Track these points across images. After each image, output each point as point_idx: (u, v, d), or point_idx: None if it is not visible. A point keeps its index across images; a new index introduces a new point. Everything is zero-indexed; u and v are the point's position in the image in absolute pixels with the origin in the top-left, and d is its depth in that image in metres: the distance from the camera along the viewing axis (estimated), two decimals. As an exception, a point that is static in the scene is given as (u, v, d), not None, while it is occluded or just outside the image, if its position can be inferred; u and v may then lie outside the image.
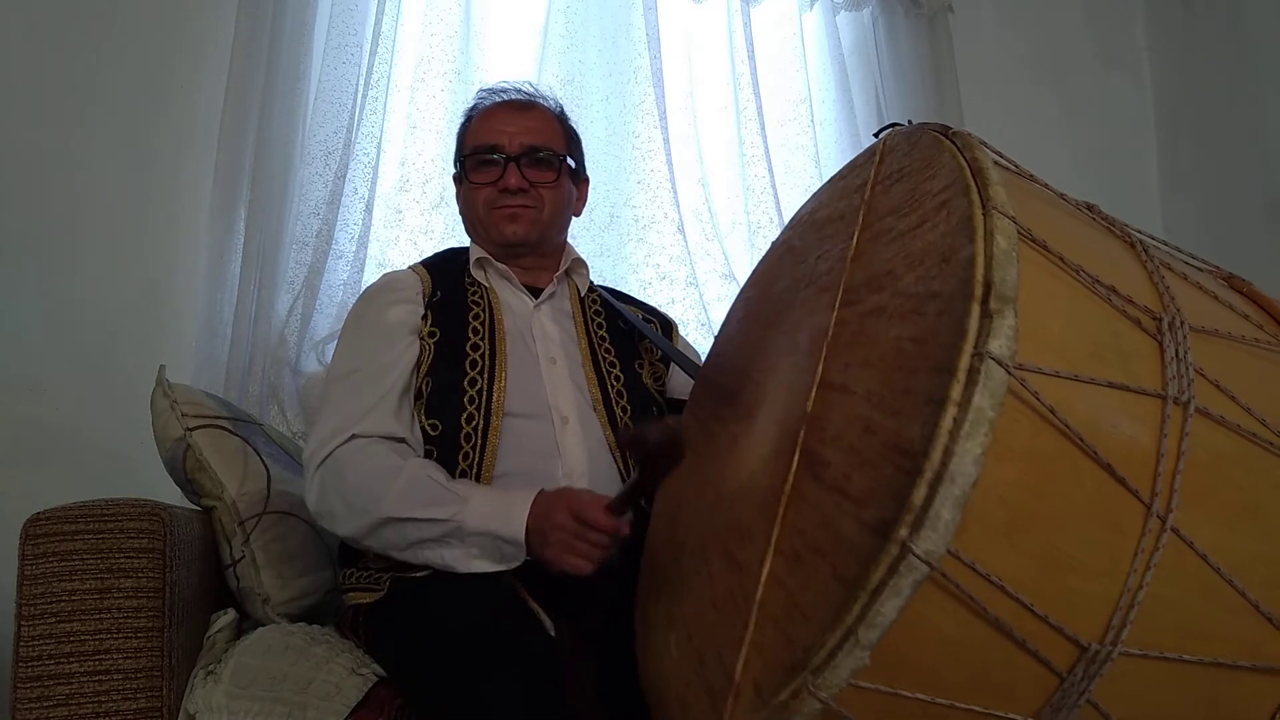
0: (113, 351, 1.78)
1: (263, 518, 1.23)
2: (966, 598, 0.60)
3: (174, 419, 1.24)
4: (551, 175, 1.33)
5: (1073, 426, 0.61)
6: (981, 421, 0.58)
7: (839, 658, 0.59)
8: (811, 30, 2.19)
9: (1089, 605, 0.62)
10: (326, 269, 1.80)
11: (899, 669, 0.62)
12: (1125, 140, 2.40)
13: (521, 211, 1.31)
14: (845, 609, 0.59)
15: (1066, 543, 0.62)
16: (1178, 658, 0.64)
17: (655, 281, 2.00)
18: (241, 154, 1.79)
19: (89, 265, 1.81)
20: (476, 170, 1.33)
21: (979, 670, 0.63)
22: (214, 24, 1.88)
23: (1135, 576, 0.62)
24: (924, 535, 0.57)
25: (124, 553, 1.05)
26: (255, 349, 1.74)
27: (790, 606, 0.67)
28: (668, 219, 2.00)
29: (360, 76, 1.85)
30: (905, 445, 0.61)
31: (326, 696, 1.02)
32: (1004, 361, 0.58)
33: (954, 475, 0.57)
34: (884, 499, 0.60)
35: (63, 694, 1.01)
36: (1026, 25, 2.41)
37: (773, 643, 0.67)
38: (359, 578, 1.18)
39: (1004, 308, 0.60)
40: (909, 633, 0.60)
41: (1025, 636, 0.61)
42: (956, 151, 0.75)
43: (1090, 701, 0.63)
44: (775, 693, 0.63)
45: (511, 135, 1.31)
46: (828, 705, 0.60)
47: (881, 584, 0.58)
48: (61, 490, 1.16)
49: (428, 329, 1.25)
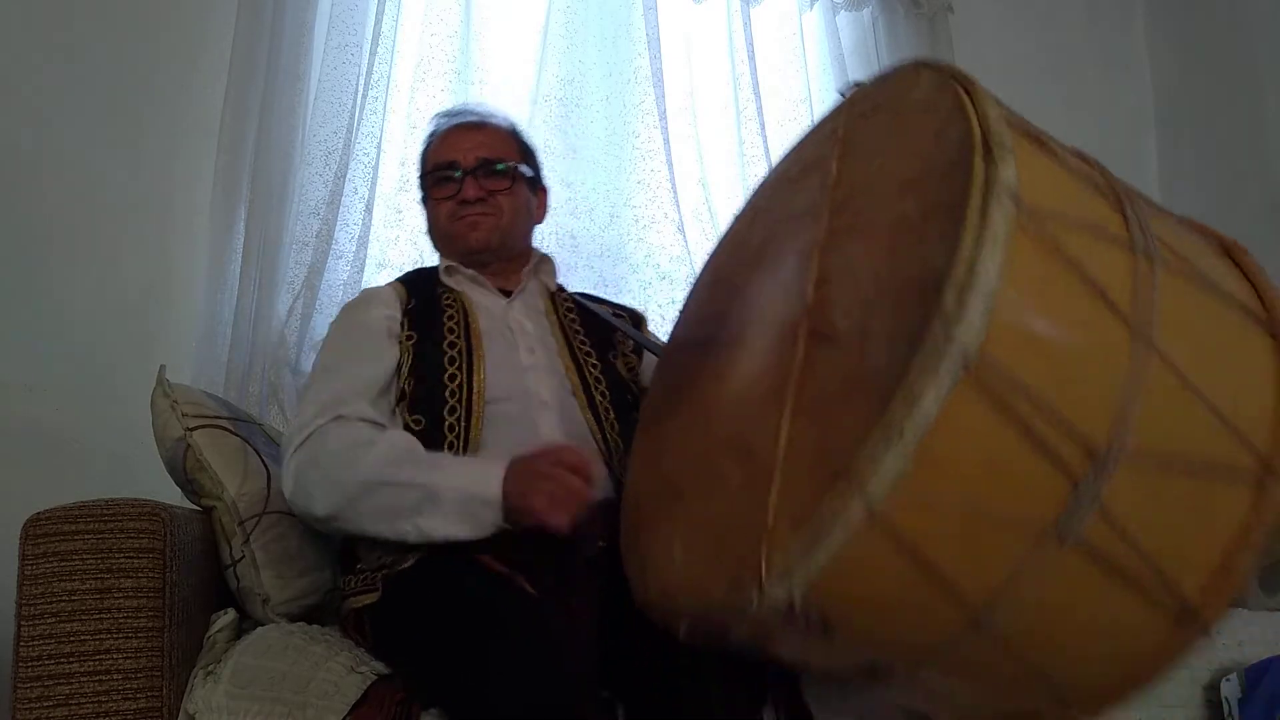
0: (113, 351, 1.78)
1: (263, 518, 1.23)
2: (997, 399, 0.63)
3: (174, 419, 1.24)
4: (506, 183, 1.38)
5: (1067, 254, 0.68)
6: (999, 238, 0.63)
7: (883, 458, 0.61)
8: (811, 30, 2.19)
9: (1091, 414, 0.67)
10: (326, 269, 1.80)
11: (937, 475, 0.64)
12: (1125, 140, 2.40)
13: (481, 219, 1.36)
14: (885, 412, 0.62)
15: (1067, 357, 0.67)
16: (1168, 465, 0.69)
17: (655, 281, 2.00)
18: (241, 154, 1.79)
19: (89, 265, 1.81)
20: (437, 187, 1.39)
21: (1007, 475, 0.66)
22: (214, 24, 1.88)
23: (1129, 389, 0.67)
24: (959, 331, 0.61)
25: (124, 553, 1.05)
26: (255, 349, 1.74)
27: (820, 448, 0.69)
28: (668, 219, 2.00)
29: (360, 76, 1.85)
30: (927, 272, 0.65)
31: (326, 695, 1.02)
32: (1012, 188, 0.64)
33: (979, 282, 0.61)
34: (912, 317, 0.64)
35: (63, 694, 1.01)
36: (1026, 25, 2.41)
37: (804, 481, 0.69)
38: (356, 581, 1.18)
39: (1005, 155, 0.66)
40: (946, 434, 0.62)
41: (1044, 439, 0.65)
42: (934, 70, 0.81)
43: (1101, 507, 0.66)
44: (815, 509, 0.64)
45: (466, 151, 1.38)
46: (872, 510, 0.62)
47: (921, 381, 0.61)
48: (61, 490, 1.16)
49: (405, 333, 1.29)
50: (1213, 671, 1.22)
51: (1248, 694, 1.16)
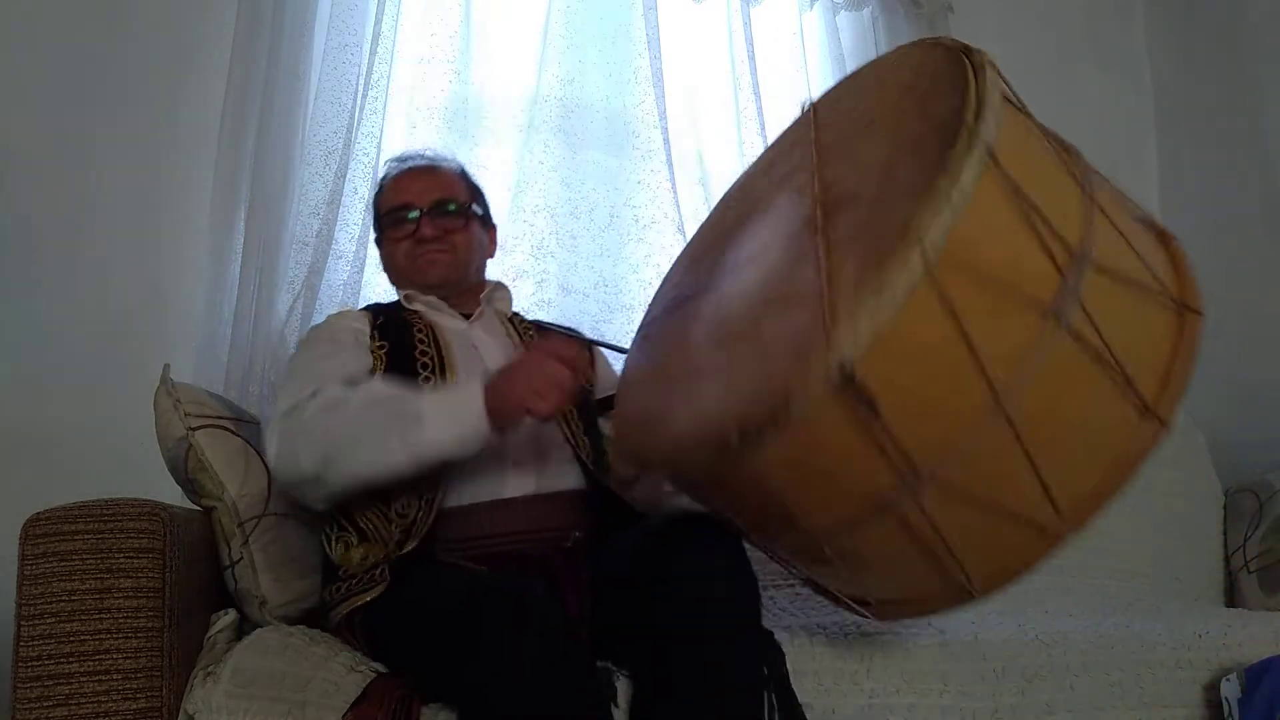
0: (113, 351, 1.78)
1: (262, 519, 1.23)
2: (1010, 192, 0.81)
3: (176, 418, 1.24)
4: (461, 222, 1.44)
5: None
6: (997, 106, 0.80)
7: (936, 218, 0.74)
8: (811, 30, 2.19)
9: (1068, 223, 0.84)
10: (326, 269, 1.80)
11: (970, 248, 0.78)
12: (1125, 140, 2.40)
13: (438, 256, 1.42)
14: (932, 188, 0.75)
15: (1051, 178, 0.89)
16: (1119, 279, 0.88)
17: (655, 281, 1.99)
18: (241, 154, 1.79)
19: (89, 265, 1.81)
20: (393, 228, 1.45)
21: (1018, 257, 0.82)
22: (214, 24, 1.88)
23: (1086, 218, 0.87)
24: (981, 129, 0.77)
25: (124, 553, 1.05)
26: (255, 349, 1.74)
27: (864, 252, 0.81)
28: (668, 219, 2.00)
29: (360, 76, 1.85)
30: (940, 121, 0.81)
31: (326, 694, 1.03)
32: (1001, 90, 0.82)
33: (988, 112, 0.78)
34: (934, 138, 0.80)
35: (63, 694, 1.01)
36: (1026, 25, 2.40)
37: (852, 278, 0.79)
38: (344, 588, 1.19)
39: (990, 68, 0.83)
40: (976, 215, 0.77)
41: (1041, 232, 0.82)
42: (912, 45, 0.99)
43: (1080, 300, 0.82)
44: (878, 268, 0.75)
45: (419, 193, 1.44)
46: (928, 261, 0.74)
47: (958, 164, 0.75)
48: (61, 490, 1.16)
49: (377, 343, 1.33)
50: (1213, 671, 1.22)
51: (1248, 694, 1.16)
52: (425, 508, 1.17)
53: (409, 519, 1.18)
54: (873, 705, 1.12)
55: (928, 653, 1.17)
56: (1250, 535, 1.88)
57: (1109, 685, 1.19)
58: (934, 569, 0.90)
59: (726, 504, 1.01)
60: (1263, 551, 1.83)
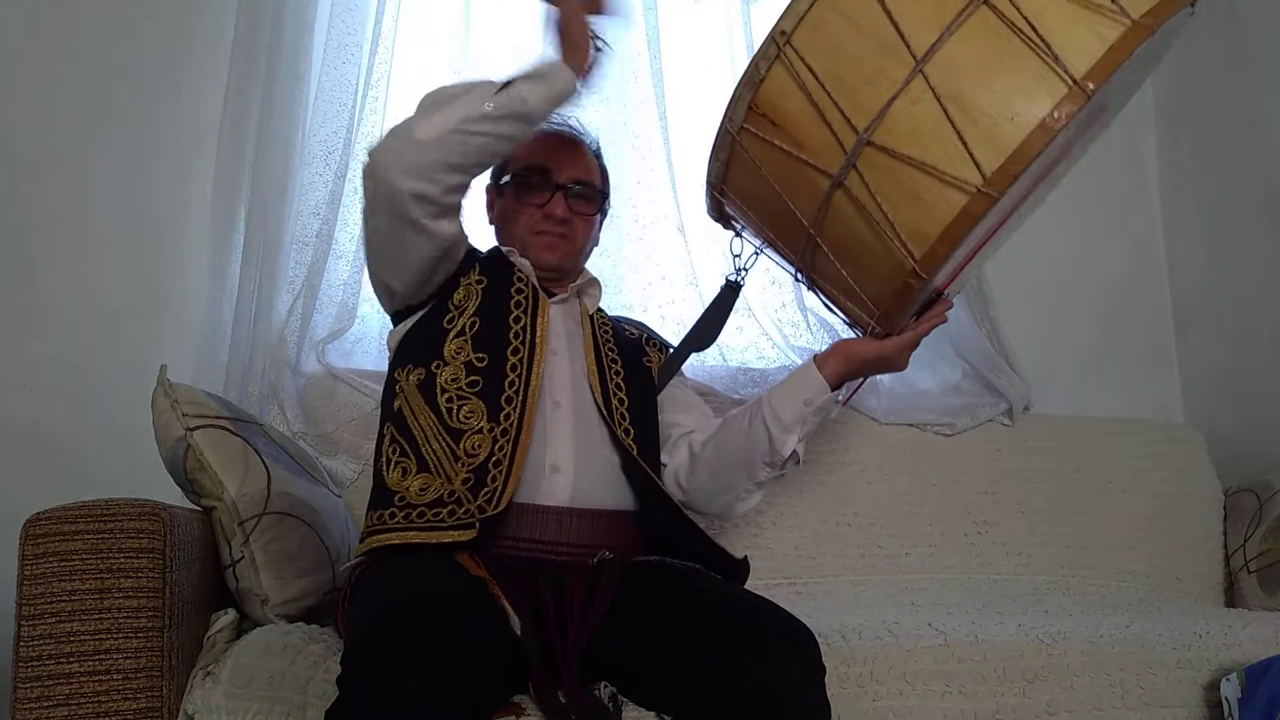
0: (113, 351, 1.78)
1: (262, 518, 1.23)
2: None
3: (175, 419, 1.24)
4: (592, 210, 1.41)
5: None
6: None
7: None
8: (811, 30, 2.19)
9: None
10: (326, 269, 1.80)
11: None
12: (1125, 140, 2.40)
13: (559, 242, 1.37)
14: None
15: None
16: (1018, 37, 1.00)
17: (655, 282, 2.00)
18: (241, 154, 1.79)
19: (89, 265, 1.81)
20: (524, 189, 1.37)
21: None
22: (214, 24, 1.88)
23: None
24: None
25: (124, 553, 1.05)
26: (255, 349, 1.74)
27: None
28: (668, 219, 2.00)
29: (360, 76, 1.85)
30: None
31: (325, 695, 1.02)
32: None
33: None
34: None
35: (63, 694, 1.01)
36: (1026, 25, 2.40)
37: None
38: (398, 516, 1.14)
39: None
40: None
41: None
42: None
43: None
44: None
45: (561, 165, 1.37)
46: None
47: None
48: (61, 490, 1.16)
49: (475, 277, 1.31)
50: (1213, 671, 1.22)
51: (1248, 694, 1.16)
52: (502, 460, 1.14)
53: (478, 460, 1.15)
54: (876, 708, 1.12)
55: (929, 654, 1.17)
56: (1250, 535, 1.88)
57: (1109, 685, 1.19)
58: (882, 245, 1.04)
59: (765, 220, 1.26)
60: (1263, 551, 1.83)
